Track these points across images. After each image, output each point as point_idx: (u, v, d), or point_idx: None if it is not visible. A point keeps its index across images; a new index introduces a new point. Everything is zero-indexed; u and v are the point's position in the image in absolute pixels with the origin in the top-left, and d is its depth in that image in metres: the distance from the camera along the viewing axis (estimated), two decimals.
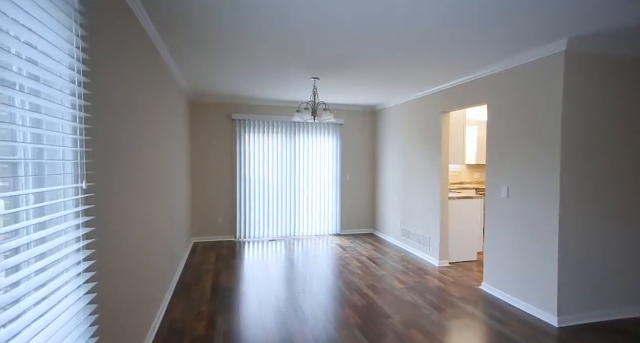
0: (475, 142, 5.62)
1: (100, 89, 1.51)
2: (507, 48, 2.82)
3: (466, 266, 4.31)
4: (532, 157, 2.95)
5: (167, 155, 3.20)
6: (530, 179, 2.97)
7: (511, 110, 3.17)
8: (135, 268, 2.10)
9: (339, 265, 4.33)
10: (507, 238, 3.23)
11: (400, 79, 3.95)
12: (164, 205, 3.07)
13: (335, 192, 6.06)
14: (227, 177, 5.56)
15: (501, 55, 3.03)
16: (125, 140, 1.92)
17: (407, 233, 5.05)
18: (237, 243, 5.38)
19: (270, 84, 4.35)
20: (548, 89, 2.78)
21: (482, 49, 2.84)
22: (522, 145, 3.05)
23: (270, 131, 5.71)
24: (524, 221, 3.03)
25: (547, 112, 2.79)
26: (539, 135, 2.87)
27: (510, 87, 3.17)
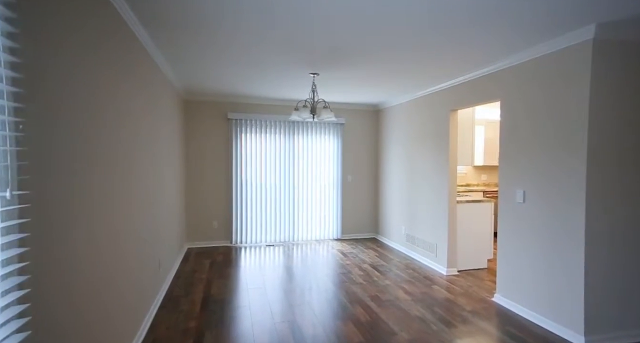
0: (482, 142, 5.34)
1: (39, 75, 1.25)
2: (527, 35, 2.55)
3: (475, 274, 4.03)
4: (552, 158, 2.67)
5: (151, 156, 2.94)
6: (550, 183, 2.69)
7: (528, 107, 2.90)
8: (101, 288, 1.84)
9: (339, 273, 4.05)
10: (524, 246, 2.95)
11: (405, 74, 3.68)
12: (148, 211, 2.80)
13: (335, 194, 5.79)
14: (223, 179, 5.30)
15: (517, 46, 2.76)
16: (87, 138, 1.65)
17: (411, 238, 4.78)
18: (233, 249, 5.11)
19: (267, 81, 4.09)
20: (572, 82, 2.51)
21: (500, 36, 2.57)
22: (541, 145, 2.77)
23: (267, 131, 5.44)
24: (543, 228, 2.75)
25: (571, 108, 2.52)
26: (562, 133, 2.60)
27: (527, 81, 2.90)
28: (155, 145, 3.09)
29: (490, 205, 4.26)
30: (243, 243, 5.39)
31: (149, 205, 2.84)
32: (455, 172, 4.00)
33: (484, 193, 5.73)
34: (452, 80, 3.83)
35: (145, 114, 2.75)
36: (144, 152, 2.70)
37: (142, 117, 2.65)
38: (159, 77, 3.24)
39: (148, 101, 2.84)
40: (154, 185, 3.03)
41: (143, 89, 2.69)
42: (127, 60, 2.29)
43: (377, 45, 2.79)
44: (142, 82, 2.67)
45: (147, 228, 2.76)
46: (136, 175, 2.47)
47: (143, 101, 2.70)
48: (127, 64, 2.28)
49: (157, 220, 3.17)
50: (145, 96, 2.74)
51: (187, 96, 5.01)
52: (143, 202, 2.65)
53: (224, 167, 5.30)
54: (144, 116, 2.71)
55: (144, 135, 2.72)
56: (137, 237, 2.49)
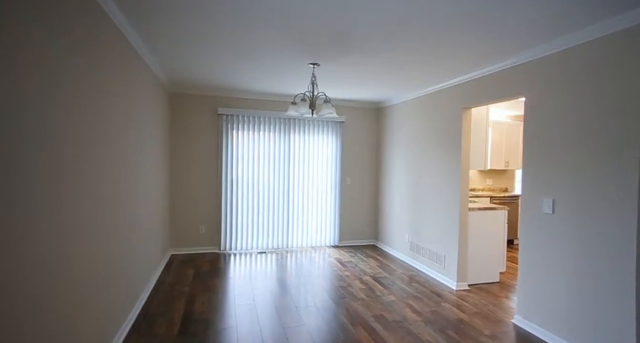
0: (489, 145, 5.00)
1: None
2: (565, 19, 2.18)
3: (488, 289, 3.67)
4: (591, 162, 2.31)
5: (125, 154, 2.51)
6: (588, 191, 2.33)
7: (560, 103, 2.53)
8: (48, 309, 1.42)
9: (338, 286, 3.66)
10: (551, 264, 2.59)
11: (414, 66, 3.30)
12: (120, 215, 2.38)
13: (333, 197, 5.39)
14: (212, 179, 4.87)
15: (558, 28, 2.40)
16: (31, 131, 1.24)
17: (416, 247, 4.40)
18: (221, 256, 4.68)
19: (261, 72, 3.67)
20: (619, 73, 2.15)
21: (539, 14, 2.20)
22: (577, 148, 2.41)
23: (261, 128, 5.03)
24: (578, 244, 2.39)
25: (618, 104, 2.16)
26: (604, 134, 2.24)
27: (561, 73, 2.54)
28: (131, 143, 2.66)
29: (504, 212, 3.90)
30: (232, 250, 4.97)
31: (120, 208, 2.41)
32: (467, 177, 3.64)
33: (491, 198, 5.38)
34: (466, 74, 3.46)
35: (117, 106, 2.33)
36: (115, 150, 2.28)
37: (112, 109, 2.23)
38: (135, 63, 2.81)
39: (121, 92, 2.42)
40: (128, 186, 2.60)
41: (115, 77, 2.27)
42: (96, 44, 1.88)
43: (386, 29, 2.40)
44: (113, 68, 2.25)
45: (118, 235, 2.34)
46: (104, 176, 2.05)
47: (114, 92, 2.28)
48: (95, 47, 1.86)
49: (133, 225, 2.74)
50: (117, 86, 2.32)
51: (173, 88, 4.57)
52: (113, 204, 2.23)
53: (213, 167, 4.87)
54: (115, 109, 2.29)
55: (115, 130, 2.30)
56: (104, 246, 2.07)
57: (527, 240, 2.80)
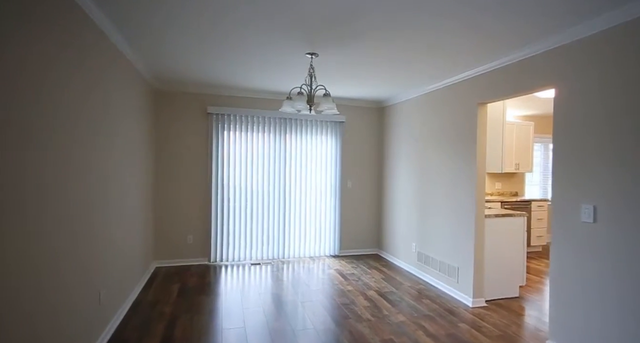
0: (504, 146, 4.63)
1: None
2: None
3: (508, 306, 3.27)
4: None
5: (96, 155, 2.12)
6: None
7: (602, 92, 2.17)
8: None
9: (340, 304, 3.25)
10: (591, 283, 2.20)
11: (422, 56, 2.94)
12: (87, 225, 1.97)
13: (333, 203, 5.00)
14: (201, 184, 4.46)
15: (584, 12, 2.05)
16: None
17: (425, 258, 4.01)
18: (211, 269, 4.26)
19: (254, 65, 3.30)
20: None
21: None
22: (624, 143, 2.04)
23: (255, 128, 4.64)
24: (626, 260, 2.01)
25: None
26: None
27: (601, 59, 2.17)
28: (104, 143, 2.27)
29: (523, 220, 3.53)
30: (223, 261, 4.55)
31: (89, 217, 2.01)
32: (483, 181, 3.26)
33: (502, 204, 5.01)
34: (482, 65, 3.10)
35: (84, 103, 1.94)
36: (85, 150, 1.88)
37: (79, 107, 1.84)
38: (109, 54, 2.43)
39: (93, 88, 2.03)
40: (99, 191, 2.20)
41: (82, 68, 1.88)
42: (59, 28, 1.49)
43: (390, 12, 2.04)
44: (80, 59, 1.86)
45: (83, 248, 1.93)
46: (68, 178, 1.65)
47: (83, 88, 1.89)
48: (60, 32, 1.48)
49: (105, 237, 2.33)
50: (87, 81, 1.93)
51: (158, 85, 4.18)
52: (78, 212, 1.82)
53: (203, 171, 4.47)
54: (82, 106, 1.90)
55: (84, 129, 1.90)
56: (63, 260, 1.66)
57: (560, 254, 2.42)
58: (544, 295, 3.56)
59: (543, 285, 3.88)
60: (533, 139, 5.34)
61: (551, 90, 3.50)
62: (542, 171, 6.16)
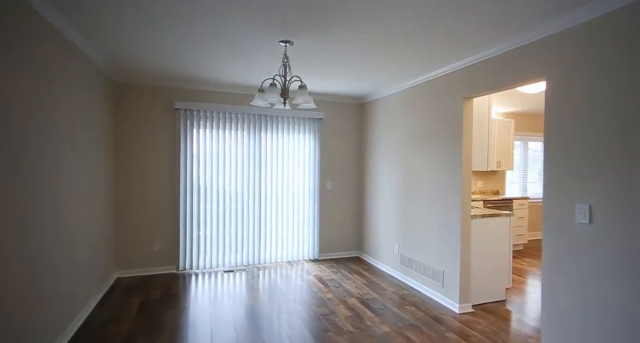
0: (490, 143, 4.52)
1: None
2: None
3: (495, 311, 3.12)
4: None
5: (20, 158, 1.76)
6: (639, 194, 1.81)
7: (597, 83, 2.02)
8: None
9: (319, 315, 3.00)
10: (590, 288, 2.05)
11: (404, 45, 2.73)
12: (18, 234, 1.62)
13: (312, 204, 4.74)
14: (169, 186, 4.10)
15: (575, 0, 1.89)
16: None
17: (408, 261, 3.82)
18: (179, 278, 3.91)
19: (224, 55, 2.99)
20: None
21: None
22: (625, 141, 1.89)
23: (227, 126, 4.32)
24: (630, 264, 1.86)
25: None
26: None
27: (598, 48, 2.02)
28: (36, 143, 1.91)
29: (509, 220, 3.39)
30: (194, 269, 4.20)
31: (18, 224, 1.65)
32: (470, 179, 3.10)
33: (484, 202, 4.92)
34: (469, 56, 2.93)
35: (27, 95, 1.58)
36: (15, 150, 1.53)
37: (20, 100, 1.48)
38: (52, 40, 2.06)
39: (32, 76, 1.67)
40: (32, 195, 1.85)
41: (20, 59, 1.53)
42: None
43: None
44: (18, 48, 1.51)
45: (13, 262, 1.58)
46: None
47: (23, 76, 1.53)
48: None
49: (42, 247, 1.97)
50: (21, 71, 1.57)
51: (117, 76, 3.78)
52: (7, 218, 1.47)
53: (170, 171, 4.11)
54: (22, 99, 1.55)
55: (17, 126, 1.55)
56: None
57: (553, 258, 2.26)
58: (530, 297, 3.44)
59: (527, 286, 3.78)
60: (513, 137, 5.28)
61: (535, 85, 3.38)
62: (521, 169, 6.14)
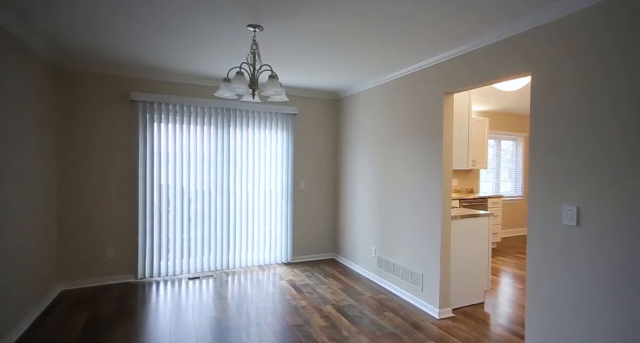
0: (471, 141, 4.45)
1: None
2: None
3: (475, 315, 3.02)
4: (635, 155, 1.70)
5: None
6: (630, 196, 1.71)
7: (585, 78, 1.91)
8: None
9: (292, 326, 2.76)
10: (577, 294, 1.95)
11: (381, 34, 2.54)
12: None
13: (285, 204, 4.49)
14: (124, 186, 3.69)
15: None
16: None
17: (385, 264, 3.66)
18: (138, 288, 3.53)
19: (188, 43, 2.66)
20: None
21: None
22: (615, 138, 1.78)
23: (193, 120, 3.97)
24: (621, 268, 1.76)
25: None
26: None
27: (587, 40, 1.91)
28: None
29: (488, 220, 3.30)
30: (154, 277, 3.83)
31: None
32: (450, 178, 2.96)
33: (460, 201, 4.86)
34: (450, 49, 2.78)
35: None
36: None
37: None
38: None
39: None
40: None
41: None
42: None
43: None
44: None
45: None
46: None
47: None
48: None
49: None
50: None
51: (59, 61, 3.33)
52: None
53: (127, 169, 3.70)
54: None
55: None
56: None
57: (539, 262, 2.15)
58: (508, 298, 3.38)
59: (504, 286, 3.73)
60: (488, 135, 5.28)
61: (515, 82, 3.31)
62: (494, 167, 6.18)
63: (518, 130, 6.34)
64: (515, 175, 6.43)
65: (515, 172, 6.43)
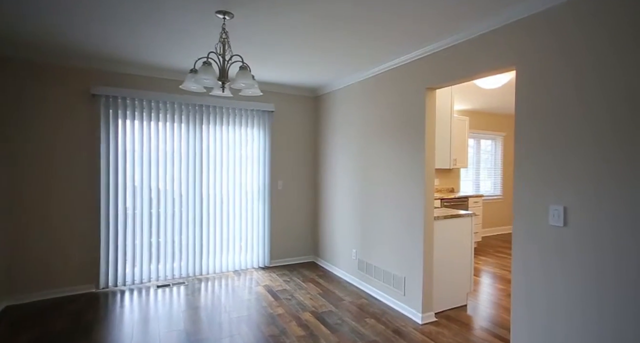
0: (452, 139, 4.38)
1: None
2: None
3: (459, 319, 2.92)
4: (626, 153, 1.62)
5: None
6: (620, 196, 1.63)
7: (576, 77, 1.82)
8: None
9: (268, 336, 2.57)
10: (562, 298, 1.86)
11: (361, 26, 2.40)
12: None
13: (262, 206, 4.28)
14: (84, 187, 3.38)
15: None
16: None
17: (366, 266, 3.53)
18: (100, 299, 3.24)
19: (148, 28, 2.42)
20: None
21: None
22: (604, 135, 1.70)
23: (161, 117, 3.70)
24: (611, 271, 1.68)
25: None
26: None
27: (575, 33, 1.82)
28: None
29: (470, 220, 3.22)
30: (119, 286, 3.54)
31: None
32: (432, 177, 2.85)
33: (442, 201, 4.80)
34: (432, 43, 2.67)
35: None
36: None
37: None
38: None
39: None
40: None
41: None
42: None
43: None
44: None
45: None
46: None
47: None
48: None
49: None
50: None
51: (8, 53, 3.00)
52: None
53: (88, 170, 3.40)
54: None
55: None
56: None
57: (524, 264, 2.06)
58: (490, 300, 3.32)
59: (486, 287, 3.67)
60: (468, 134, 5.26)
61: (496, 80, 3.24)
62: (474, 167, 6.19)
63: (497, 130, 6.38)
64: (495, 175, 6.47)
65: (494, 171, 6.47)
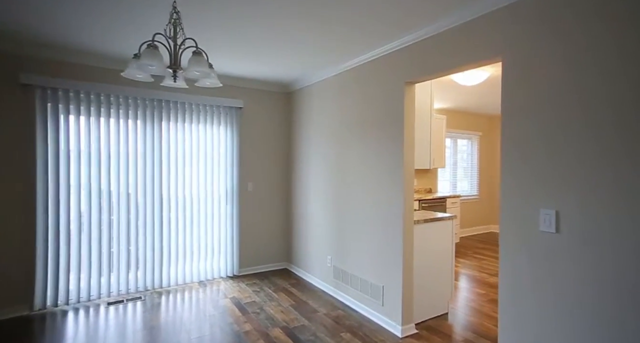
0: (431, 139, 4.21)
1: None
2: None
3: (440, 329, 2.73)
4: (626, 153, 1.45)
5: None
6: (618, 199, 1.46)
7: (567, 69, 1.64)
8: None
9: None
10: (554, 309, 1.68)
11: (332, 12, 2.14)
12: None
13: (230, 209, 3.94)
14: (16, 192, 2.93)
15: None
16: None
17: (342, 274, 3.28)
18: (33, 324, 2.80)
19: (95, 7, 2.04)
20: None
21: None
22: (599, 132, 1.53)
23: (112, 112, 3.29)
24: (608, 281, 1.50)
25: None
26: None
27: (570, 16, 1.64)
28: None
29: (451, 223, 3.05)
30: (60, 306, 3.10)
31: None
32: (412, 178, 2.64)
33: (420, 202, 4.65)
34: (411, 33, 2.45)
35: None
36: None
37: None
38: None
39: None
40: None
41: None
42: None
43: None
44: None
45: None
46: None
47: None
48: None
49: None
50: None
51: None
52: None
53: (21, 171, 2.94)
54: None
55: None
56: None
57: (511, 274, 1.87)
58: (471, 306, 3.16)
59: (465, 292, 3.53)
60: (445, 134, 5.14)
61: (476, 76, 3.09)
62: (452, 167, 6.11)
63: (474, 129, 6.34)
64: (471, 175, 6.42)
65: (470, 171, 6.42)
